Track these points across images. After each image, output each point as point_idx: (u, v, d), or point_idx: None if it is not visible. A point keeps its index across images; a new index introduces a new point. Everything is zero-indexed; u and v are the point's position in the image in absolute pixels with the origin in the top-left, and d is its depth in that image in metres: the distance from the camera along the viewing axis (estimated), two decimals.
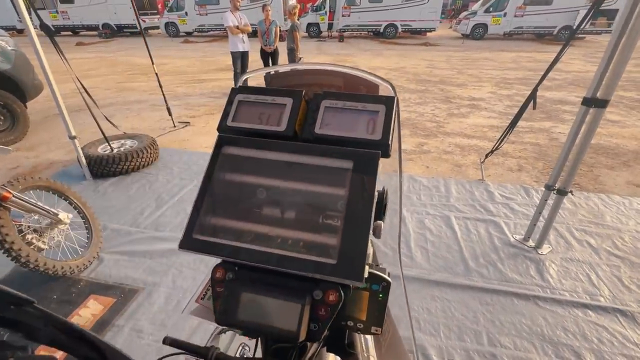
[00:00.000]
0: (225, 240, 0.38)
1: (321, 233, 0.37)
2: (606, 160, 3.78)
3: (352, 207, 0.36)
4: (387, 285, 0.47)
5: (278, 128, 0.43)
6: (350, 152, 0.40)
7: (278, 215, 0.39)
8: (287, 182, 0.40)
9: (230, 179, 0.42)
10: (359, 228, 0.35)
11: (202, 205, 0.40)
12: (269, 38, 6.18)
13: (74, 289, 2.01)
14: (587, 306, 1.91)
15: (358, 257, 0.34)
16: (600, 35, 15.64)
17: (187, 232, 0.39)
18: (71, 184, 3.17)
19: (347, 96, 0.44)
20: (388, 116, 0.42)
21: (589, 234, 2.51)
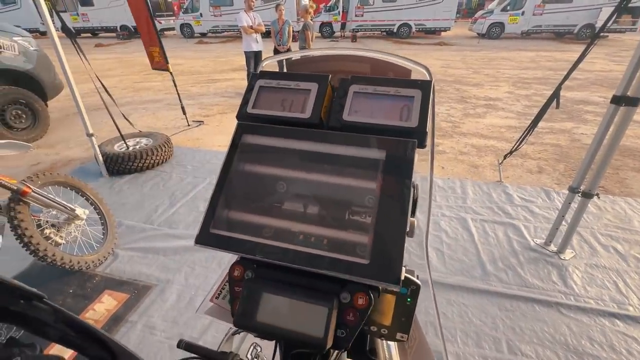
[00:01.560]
0: (244, 235, 0.35)
1: (349, 230, 0.33)
2: (633, 163, 3.61)
3: (385, 201, 0.33)
4: (416, 289, 0.43)
5: (302, 115, 0.39)
6: (383, 140, 0.36)
7: (301, 209, 0.36)
8: (311, 174, 0.37)
9: (250, 170, 0.39)
10: (395, 225, 0.32)
11: (220, 198, 0.37)
12: (282, 38, 6.19)
13: (89, 284, 2.03)
14: (614, 315, 1.81)
15: (394, 257, 0.30)
16: (624, 33, 15.06)
17: (204, 226, 0.36)
18: (88, 180, 3.23)
19: (379, 80, 0.40)
20: (425, 101, 0.38)
21: (616, 239, 2.39)
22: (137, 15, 3.49)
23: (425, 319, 1.82)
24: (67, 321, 0.47)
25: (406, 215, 0.32)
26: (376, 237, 0.32)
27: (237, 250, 0.34)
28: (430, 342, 1.70)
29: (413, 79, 0.40)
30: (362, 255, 0.31)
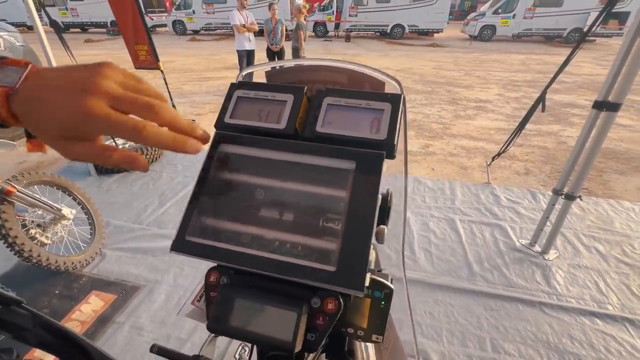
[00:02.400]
0: (220, 243, 0.36)
1: (321, 237, 0.35)
2: (616, 165, 3.71)
3: (353, 210, 0.34)
4: (389, 293, 0.45)
5: (278, 126, 0.40)
6: (352, 152, 0.38)
7: (276, 217, 0.37)
8: (286, 183, 0.38)
9: (227, 178, 0.40)
10: (360, 233, 0.33)
11: (197, 205, 0.38)
12: (275, 37, 6.17)
13: (75, 285, 2.01)
14: (594, 314, 1.87)
15: (359, 265, 0.31)
16: (611, 38, 15.41)
17: (180, 233, 0.37)
18: (76, 179, 3.18)
19: (351, 93, 0.41)
20: (394, 115, 0.39)
21: (598, 240, 2.45)
22: (120, 10, 3.31)
23: (413, 318, 1.85)
24: (46, 326, 0.48)
25: (372, 224, 0.33)
26: (343, 244, 0.33)
27: (212, 258, 0.35)
28: (418, 341, 1.72)
29: (384, 92, 0.41)
30: (331, 262, 0.33)
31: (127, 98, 0.32)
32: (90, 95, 0.30)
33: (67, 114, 0.30)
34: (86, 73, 0.32)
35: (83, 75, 0.31)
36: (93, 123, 0.30)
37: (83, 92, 0.30)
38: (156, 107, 0.33)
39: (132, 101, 0.32)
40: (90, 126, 0.30)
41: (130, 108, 0.32)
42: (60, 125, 0.30)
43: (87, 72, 0.32)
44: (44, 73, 0.32)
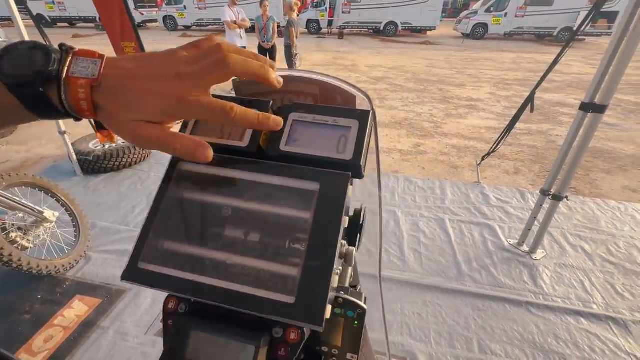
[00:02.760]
0: (174, 270, 0.34)
1: (284, 263, 0.33)
2: (603, 164, 3.76)
3: (315, 235, 0.32)
4: (362, 313, 0.43)
5: (240, 143, 0.38)
6: (316, 173, 0.36)
7: (236, 240, 0.35)
8: (248, 204, 0.36)
9: (185, 199, 0.37)
10: (322, 260, 0.31)
11: (152, 228, 0.36)
12: (266, 34, 6.11)
13: (58, 289, 1.96)
14: (579, 313, 1.90)
15: (318, 297, 0.30)
16: (600, 37, 15.62)
17: (132, 260, 0.34)
18: (61, 180, 3.12)
19: (318, 109, 0.39)
20: (361, 133, 0.37)
21: (584, 239, 2.49)
22: (105, 5, 3.19)
23: (401, 319, 1.85)
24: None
25: (334, 251, 0.31)
26: (304, 273, 0.31)
27: (165, 288, 0.33)
28: (404, 342, 1.73)
29: (351, 108, 0.39)
30: (290, 292, 0.31)
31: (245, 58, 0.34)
32: (185, 80, 0.31)
33: (159, 99, 0.31)
34: (173, 59, 0.33)
35: (172, 60, 0.33)
36: (187, 107, 0.31)
37: (177, 77, 0.31)
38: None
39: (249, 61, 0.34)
40: (183, 110, 0.32)
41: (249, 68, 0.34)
42: (148, 109, 0.32)
43: (174, 57, 0.33)
44: (121, 63, 0.33)
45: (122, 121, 0.32)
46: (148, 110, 0.32)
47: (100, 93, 0.31)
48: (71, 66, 0.31)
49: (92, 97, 0.31)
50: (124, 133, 0.33)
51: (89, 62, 0.32)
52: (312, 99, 0.46)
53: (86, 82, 0.31)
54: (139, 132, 0.32)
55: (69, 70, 0.31)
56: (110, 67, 0.32)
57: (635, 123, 5.09)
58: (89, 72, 0.31)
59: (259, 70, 0.34)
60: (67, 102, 0.31)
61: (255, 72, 0.34)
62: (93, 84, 0.31)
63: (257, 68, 0.34)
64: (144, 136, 0.33)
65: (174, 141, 0.33)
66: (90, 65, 0.31)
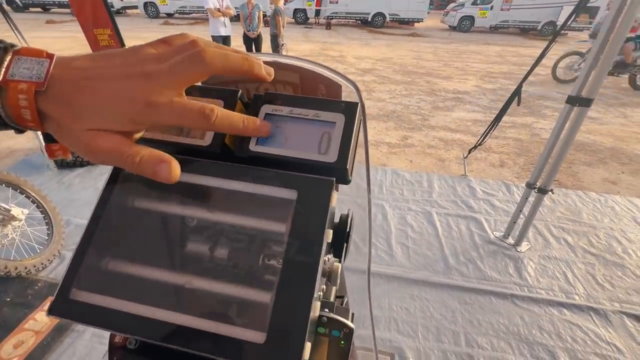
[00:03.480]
0: (117, 300, 0.27)
1: (254, 287, 0.27)
2: (584, 157, 3.84)
3: (292, 254, 0.27)
4: (349, 333, 0.38)
5: (201, 142, 0.32)
6: (293, 178, 0.30)
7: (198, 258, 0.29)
8: (211, 215, 0.30)
9: (133, 210, 0.31)
10: (300, 286, 0.26)
11: (90, 247, 0.29)
12: (252, 23, 5.92)
13: (30, 291, 1.85)
14: (562, 305, 1.93)
15: (295, 333, 0.24)
16: (582, 32, 15.95)
17: (63, 287, 0.28)
18: (33, 174, 2.95)
19: (296, 100, 0.33)
20: (348, 129, 0.31)
21: (567, 231, 2.53)
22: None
23: (388, 314, 1.84)
24: None
25: (314, 273, 0.26)
26: (278, 301, 0.26)
27: (102, 325, 0.27)
28: (392, 338, 1.72)
29: (336, 100, 0.33)
30: (261, 326, 0.25)
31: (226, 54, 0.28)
32: (154, 80, 0.26)
33: (124, 104, 0.26)
34: (139, 56, 0.28)
35: (138, 58, 0.27)
36: (157, 111, 0.26)
37: (145, 77, 0.26)
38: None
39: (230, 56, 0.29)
40: (152, 115, 0.27)
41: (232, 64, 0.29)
42: (109, 116, 0.26)
43: (140, 54, 0.28)
44: (75, 62, 0.27)
45: (75, 132, 0.27)
46: (109, 117, 0.26)
47: (47, 100, 0.26)
48: (10, 67, 0.25)
49: (36, 104, 0.25)
50: (77, 146, 0.27)
51: (33, 63, 0.26)
52: (292, 89, 0.40)
53: (29, 87, 0.25)
54: (95, 143, 0.27)
55: (7, 72, 0.25)
56: (61, 67, 0.26)
57: (614, 116, 5.23)
58: (33, 74, 0.25)
59: (242, 64, 0.29)
60: (5, 112, 0.25)
61: (238, 67, 0.29)
62: (38, 88, 0.25)
63: (239, 62, 0.29)
64: (101, 149, 0.27)
65: (132, 154, 0.27)
66: (35, 67, 0.26)
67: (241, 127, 0.29)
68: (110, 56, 0.28)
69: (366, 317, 1.60)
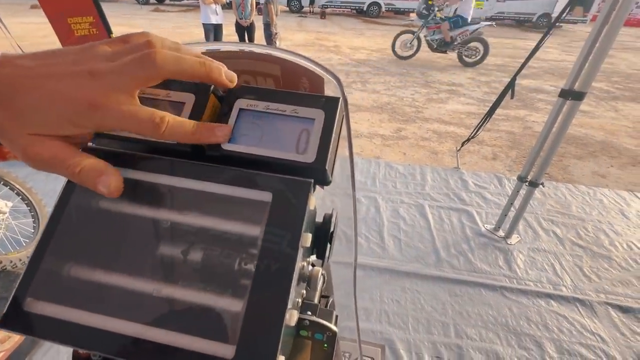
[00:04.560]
0: (75, 311, 0.25)
1: (226, 295, 0.26)
2: (575, 150, 3.88)
3: (265, 260, 0.25)
4: (332, 336, 0.37)
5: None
6: (268, 179, 0.28)
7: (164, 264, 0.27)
8: (177, 217, 0.28)
9: (95, 211, 0.29)
10: (273, 294, 0.24)
11: (48, 251, 0.27)
12: (244, 11, 5.79)
13: (16, 285, 1.82)
14: (550, 296, 1.96)
15: (266, 346, 0.23)
16: (576, 24, 15.98)
17: (17, 297, 0.26)
18: (18, 165, 2.87)
19: (273, 95, 0.30)
20: (327, 127, 0.29)
21: (556, 224, 2.57)
22: None
23: (379, 307, 1.85)
24: None
25: (289, 281, 0.24)
26: (249, 310, 0.24)
27: (58, 340, 0.25)
28: (383, 330, 1.73)
29: (316, 94, 0.31)
30: (231, 338, 0.24)
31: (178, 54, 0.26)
32: (99, 80, 0.24)
33: (65, 104, 0.24)
34: (91, 54, 0.26)
35: (88, 55, 0.25)
36: (101, 115, 0.25)
37: (90, 76, 0.24)
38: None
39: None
40: (95, 119, 0.25)
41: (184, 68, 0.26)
42: (50, 118, 0.24)
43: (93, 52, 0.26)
44: (19, 60, 0.25)
45: (14, 135, 0.25)
46: (49, 119, 0.24)
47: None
48: None
49: None
50: (17, 151, 0.25)
51: None
52: (273, 81, 0.38)
53: None
54: (34, 150, 0.25)
55: None
56: (3, 65, 0.24)
57: (606, 110, 5.28)
58: None
59: (198, 69, 0.27)
60: None
61: (193, 72, 0.26)
62: None
63: (195, 66, 0.26)
64: (39, 156, 0.25)
65: (72, 164, 0.26)
66: None
67: (195, 136, 0.28)
68: (60, 54, 0.26)
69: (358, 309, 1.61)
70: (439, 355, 1.63)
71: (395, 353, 1.62)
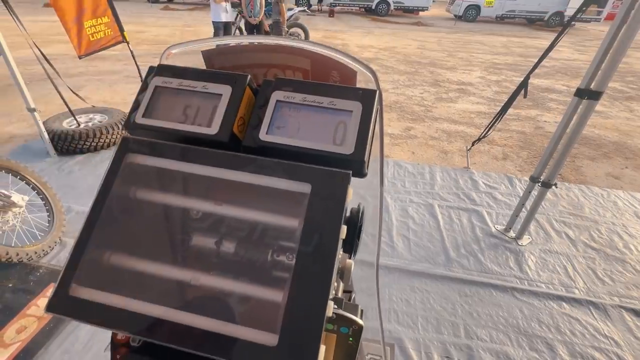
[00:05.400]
0: (118, 297, 0.26)
1: (264, 284, 0.26)
2: (588, 151, 3.81)
3: (306, 251, 0.25)
4: (358, 330, 0.37)
5: (208, 130, 0.29)
6: (307, 170, 0.28)
7: (203, 254, 0.27)
8: (216, 208, 0.28)
9: (135, 201, 0.29)
10: (315, 285, 0.24)
11: (91, 240, 0.27)
12: (253, 9, 5.80)
13: (32, 277, 1.86)
14: (562, 298, 1.93)
15: (309, 336, 0.23)
16: (589, 23, 15.65)
17: (62, 283, 0.27)
18: (33, 160, 2.93)
19: (309, 87, 0.30)
20: (365, 119, 0.29)
21: (568, 225, 2.53)
22: None
23: (389, 306, 1.85)
24: None
25: (330, 273, 0.24)
26: (291, 301, 0.24)
27: (102, 324, 0.25)
28: (392, 329, 1.73)
29: (354, 87, 0.31)
30: (272, 327, 0.24)
31: None
32: None
33: None
34: None
35: None
36: None
37: None
38: None
39: None
40: None
41: None
42: None
43: None
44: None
45: None
46: None
47: None
48: None
49: None
50: None
51: None
52: (301, 75, 0.38)
53: None
54: None
55: None
56: None
57: (620, 110, 5.16)
58: None
59: None
60: None
61: None
62: None
63: None
64: None
65: None
66: None
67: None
68: None
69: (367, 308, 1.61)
70: (448, 355, 1.62)
71: (405, 352, 1.61)
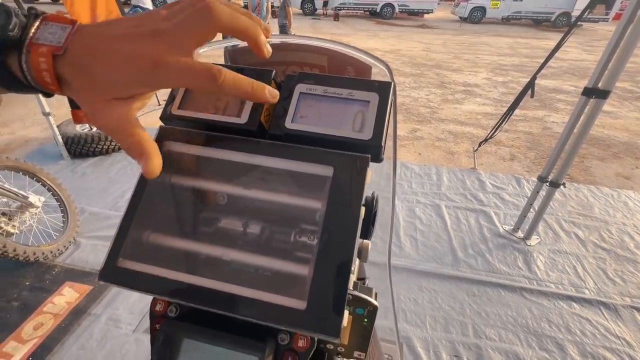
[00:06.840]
0: (160, 269, 0.29)
1: (291, 260, 0.28)
2: (597, 151, 3.77)
3: (329, 229, 0.28)
4: (372, 310, 0.39)
5: (238, 120, 0.33)
6: (330, 155, 0.31)
7: (234, 233, 0.30)
8: (247, 191, 0.31)
9: (173, 185, 0.32)
10: (339, 259, 0.27)
11: (134, 219, 0.31)
12: (260, 14, 5.88)
13: (47, 276, 1.91)
14: (572, 298, 1.92)
15: (334, 302, 0.25)
16: (597, 23, 15.50)
17: (111, 256, 0.30)
18: (47, 163, 3.01)
19: (329, 80, 0.34)
20: (382, 108, 0.32)
21: (577, 225, 2.51)
22: None
23: (397, 305, 1.86)
24: None
25: (352, 246, 0.27)
26: (317, 273, 0.27)
27: (149, 291, 0.28)
28: (400, 328, 1.73)
29: (370, 79, 0.34)
30: (300, 295, 0.26)
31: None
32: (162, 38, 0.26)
33: (133, 65, 0.26)
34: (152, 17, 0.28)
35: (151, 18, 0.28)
36: (165, 71, 0.26)
37: (153, 36, 0.26)
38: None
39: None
40: (160, 76, 0.26)
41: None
42: (121, 79, 0.27)
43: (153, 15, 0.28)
44: (93, 29, 0.28)
45: (91, 101, 0.27)
46: (121, 79, 0.27)
47: (65, 64, 0.26)
48: (37, 32, 0.26)
49: (55, 68, 0.26)
50: (91, 114, 0.28)
51: (57, 28, 0.26)
52: (318, 71, 0.41)
53: (48, 50, 0.26)
54: (104, 114, 0.27)
55: (34, 36, 0.26)
56: (83, 34, 0.27)
57: (630, 110, 5.10)
58: (55, 38, 0.26)
59: (249, 28, 0.28)
60: (29, 73, 0.26)
61: (244, 30, 0.28)
62: (56, 52, 0.26)
63: (248, 25, 0.28)
64: (105, 123, 0.28)
65: (127, 135, 0.28)
66: (57, 32, 0.26)
67: (250, 90, 0.29)
68: (126, 20, 0.28)
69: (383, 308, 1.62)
70: (457, 354, 1.62)
71: (413, 351, 1.62)
